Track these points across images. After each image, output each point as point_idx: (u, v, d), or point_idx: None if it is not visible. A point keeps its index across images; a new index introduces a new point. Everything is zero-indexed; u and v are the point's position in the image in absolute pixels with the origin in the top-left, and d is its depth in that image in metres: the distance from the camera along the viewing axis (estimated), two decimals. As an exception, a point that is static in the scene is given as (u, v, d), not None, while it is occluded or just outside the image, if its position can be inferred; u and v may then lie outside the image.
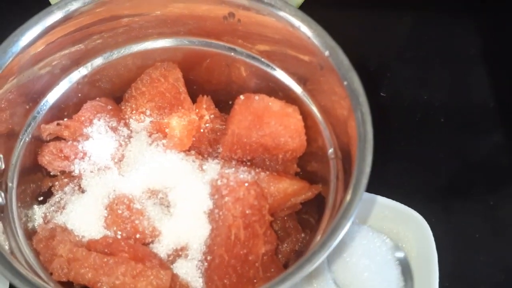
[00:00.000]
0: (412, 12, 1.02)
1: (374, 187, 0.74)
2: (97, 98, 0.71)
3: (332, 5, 0.96)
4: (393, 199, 0.77)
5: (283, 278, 0.49)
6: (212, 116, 0.74)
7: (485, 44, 0.99)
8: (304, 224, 0.72)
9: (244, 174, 0.65)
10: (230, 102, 0.73)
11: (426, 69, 0.97)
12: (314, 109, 0.68)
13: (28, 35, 0.60)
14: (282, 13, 0.62)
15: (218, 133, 0.73)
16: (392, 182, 0.83)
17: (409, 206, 0.76)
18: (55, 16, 0.61)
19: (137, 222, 0.62)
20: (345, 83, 0.58)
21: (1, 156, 0.61)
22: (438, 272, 0.72)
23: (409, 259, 0.76)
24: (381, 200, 0.77)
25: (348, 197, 0.52)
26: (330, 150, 0.66)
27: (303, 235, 0.71)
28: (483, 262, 0.81)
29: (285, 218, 0.71)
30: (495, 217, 0.85)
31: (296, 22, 0.61)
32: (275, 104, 0.69)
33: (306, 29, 0.61)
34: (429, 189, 0.87)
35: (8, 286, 0.72)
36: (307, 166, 0.73)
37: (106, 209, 0.63)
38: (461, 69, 0.97)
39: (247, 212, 0.61)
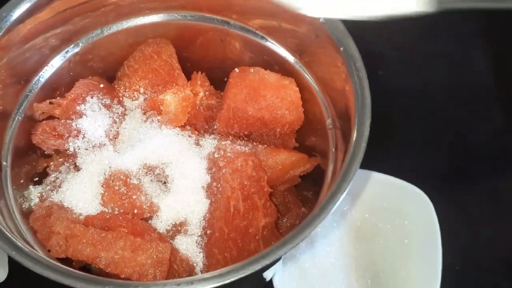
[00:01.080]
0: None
1: (375, 166, 0.75)
2: (89, 77, 0.70)
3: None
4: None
5: (284, 241, 0.48)
6: (207, 93, 0.73)
7: (485, 23, 0.98)
8: (304, 200, 0.72)
9: (241, 147, 0.64)
10: (226, 79, 0.72)
11: (424, 48, 0.96)
12: (311, 80, 0.67)
13: (18, 10, 0.59)
14: (275, -19, 0.61)
15: (214, 110, 0.72)
16: (392, 162, 0.82)
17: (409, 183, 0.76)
18: (44, -9, 0.60)
19: (134, 197, 0.61)
20: (341, 49, 0.57)
21: (-6, 134, 0.61)
22: (441, 248, 0.72)
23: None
24: (383, 177, 0.77)
25: (347, 160, 0.52)
26: (328, 121, 0.65)
27: (303, 209, 0.70)
28: (485, 238, 0.80)
29: (285, 193, 0.71)
30: (497, 196, 0.84)
31: (289, -11, 0.60)
32: (271, 76, 0.68)
33: (300, -4, 0.60)
34: (430, 168, 0.86)
35: (7, 271, 0.72)
36: (305, 140, 0.72)
37: (102, 186, 0.62)
38: (460, 48, 0.96)
39: (245, 183, 0.61)
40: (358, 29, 0.61)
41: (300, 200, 0.72)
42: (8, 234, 0.50)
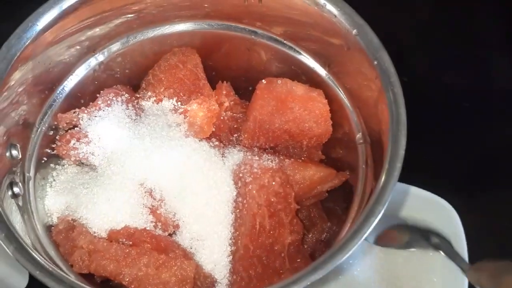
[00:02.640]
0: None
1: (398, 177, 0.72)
2: (114, 86, 0.69)
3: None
4: (418, 187, 0.74)
5: (315, 267, 0.46)
6: (232, 102, 0.71)
7: (508, 27, 0.95)
8: (329, 213, 0.70)
9: (268, 161, 0.63)
10: (250, 88, 0.70)
11: (448, 53, 0.94)
12: (340, 92, 0.65)
13: (44, 20, 0.58)
14: (306, -9, 0.59)
15: (239, 121, 0.71)
16: (416, 170, 0.80)
17: (435, 194, 0.74)
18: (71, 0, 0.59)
19: (158, 212, 0.60)
20: (375, 62, 0.55)
21: (18, 146, 0.59)
22: (468, 261, 0.70)
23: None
24: (408, 188, 0.75)
25: (381, 181, 0.50)
26: (358, 135, 0.63)
27: (329, 224, 0.68)
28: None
29: (310, 207, 0.69)
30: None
31: (321, 0, 0.58)
32: (298, 88, 0.66)
33: (332, 7, 0.58)
34: (456, 176, 0.84)
35: (27, 279, 0.71)
36: (332, 152, 0.70)
37: (126, 198, 0.61)
38: (484, 53, 0.94)
39: (272, 200, 0.59)
40: (381, 35, 0.59)
41: (325, 214, 0.70)
42: (32, 251, 0.49)
